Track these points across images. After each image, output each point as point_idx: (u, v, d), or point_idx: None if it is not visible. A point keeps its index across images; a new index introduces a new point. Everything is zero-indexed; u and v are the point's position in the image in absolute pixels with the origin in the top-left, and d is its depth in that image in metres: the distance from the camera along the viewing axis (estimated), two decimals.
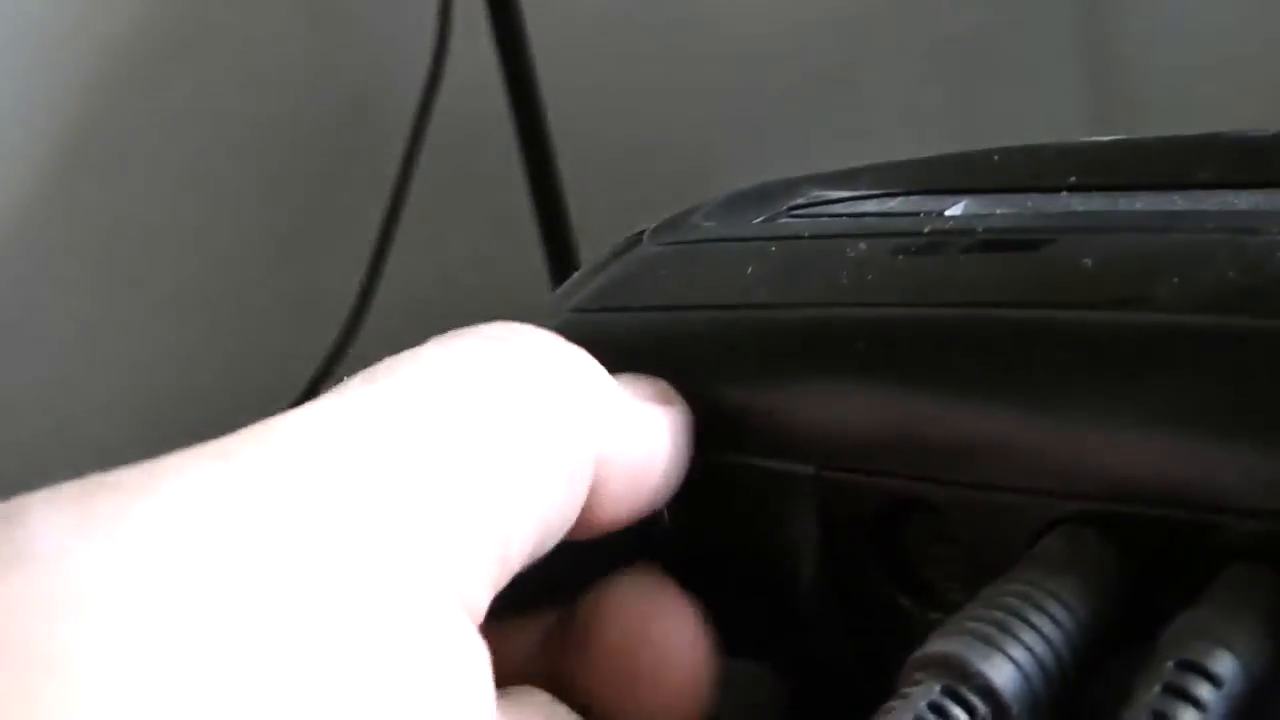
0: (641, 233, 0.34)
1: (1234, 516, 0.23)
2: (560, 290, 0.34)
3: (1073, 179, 0.30)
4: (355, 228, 0.93)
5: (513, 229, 0.92)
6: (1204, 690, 0.21)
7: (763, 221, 0.32)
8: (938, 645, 0.22)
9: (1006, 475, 0.25)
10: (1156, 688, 0.21)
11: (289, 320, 0.95)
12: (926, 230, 0.28)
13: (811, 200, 0.33)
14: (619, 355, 0.30)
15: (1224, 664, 0.21)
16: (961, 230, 0.28)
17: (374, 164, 0.93)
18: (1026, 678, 0.22)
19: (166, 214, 0.92)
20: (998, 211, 0.29)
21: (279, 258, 0.96)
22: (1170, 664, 0.21)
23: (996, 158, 0.32)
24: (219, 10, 0.93)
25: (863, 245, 0.29)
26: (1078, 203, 0.29)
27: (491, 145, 0.91)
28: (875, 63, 0.94)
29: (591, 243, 0.80)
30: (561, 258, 0.89)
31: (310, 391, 0.89)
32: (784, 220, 0.32)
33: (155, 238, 0.92)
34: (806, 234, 0.30)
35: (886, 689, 0.22)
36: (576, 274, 0.34)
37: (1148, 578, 0.24)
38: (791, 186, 0.34)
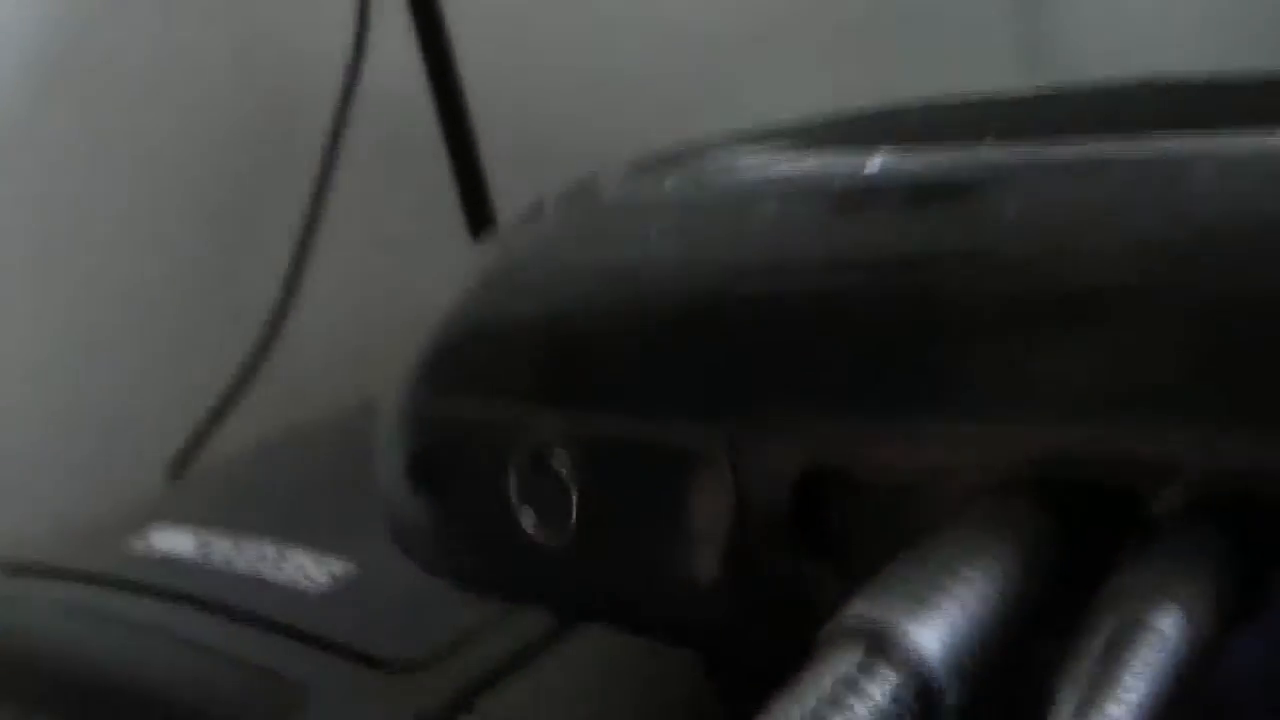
0: (542, 202, 0.32)
1: (1169, 478, 0.21)
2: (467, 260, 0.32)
3: (996, 128, 0.28)
4: (278, 219, 0.91)
5: (437, 217, 0.90)
6: (1147, 647, 0.19)
7: (671, 185, 0.30)
8: (855, 609, 0.20)
9: (928, 444, 0.23)
10: (1096, 644, 0.19)
11: (210, 316, 0.94)
12: (840, 187, 0.27)
13: (723, 162, 0.32)
14: (524, 327, 0.28)
15: (1167, 620, 0.20)
16: (878, 186, 0.26)
17: (296, 155, 0.91)
18: (953, 645, 0.20)
19: (81, 207, 0.90)
20: (916, 163, 0.27)
21: (200, 251, 0.94)
22: (1110, 620, 0.20)
23: (916, 111, 0.30)
24: (136, 6, 0.91)
25: (777, 204, 0.27)
26: (1001, 152, 0.28)
27: (413, 134, 0.90)
28: (799, 35, 0.92)
29: None
30: None
31: (238, 384, 0.87)
32: (692, 181, 0.30)
33: (70, 231, 0.90)
34: (719, 194, 0.29)
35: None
36: (480, 245, 0.32)
37: (1079, 543, 0.22)
38: (700, 149, 0.33)
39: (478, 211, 0.87)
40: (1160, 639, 0.19)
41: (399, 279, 0.92)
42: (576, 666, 0.40)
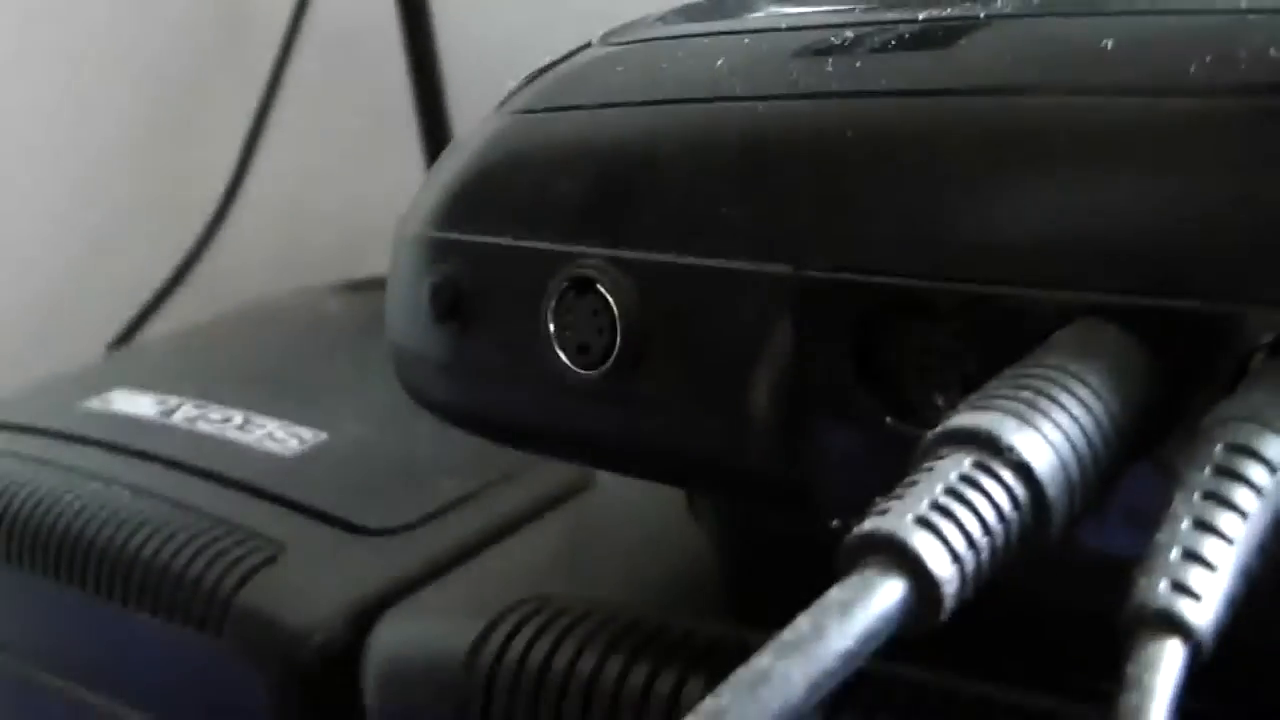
0: (588, 42, 0.31)
1: (1266, 308, 0.21)
2: (502, 98, 0.31)
3: None
4: (227, 120, 0.90)
5: (390, 132, 0.89)
6: (1259, 473, 0.19)
7: (727, 22, 0.30)
8: (963, 420, 0.20)
9: (1015, 269, 0.23)
10: (1207, 469, 0.19)
11: (153, 210, 0.92)
12: (922, 18, 0.26)
13: (770, 14, 0.31)
14: (572, 156, 0.27)
15: (1277, 448, 0.19)
16: (962, 16, 0.26)
17: (249, 53, 0.90)
18: (1061, 460, 0.20)
19: (26, 88, 0.88)
20: (999, 2, 0.27)
21: (144, 149, 0.92)
22: (1220, 447, 0.19)
23: None
24: None
25: (849, 34, 0.26)
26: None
27: (372, 41, 0.88)
28: None
29: None
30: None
31: (179, 272, 0.86)
32: (751, 20, 0.29)
33: (14, 114, 0.88)
34: (784, 26, 0.28)
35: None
36: (516, 83, 0.31)
37: (1175, 374, 0.21)
38: (746, 2, 0.32)
39: (433, 123, 0.86)
40: (1272, 466, 0.19)
41: (344, 183, 0.91)
42: (554, 542, 0.40)
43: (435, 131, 0.85)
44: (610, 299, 0.27)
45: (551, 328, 0.28)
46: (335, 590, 0.38)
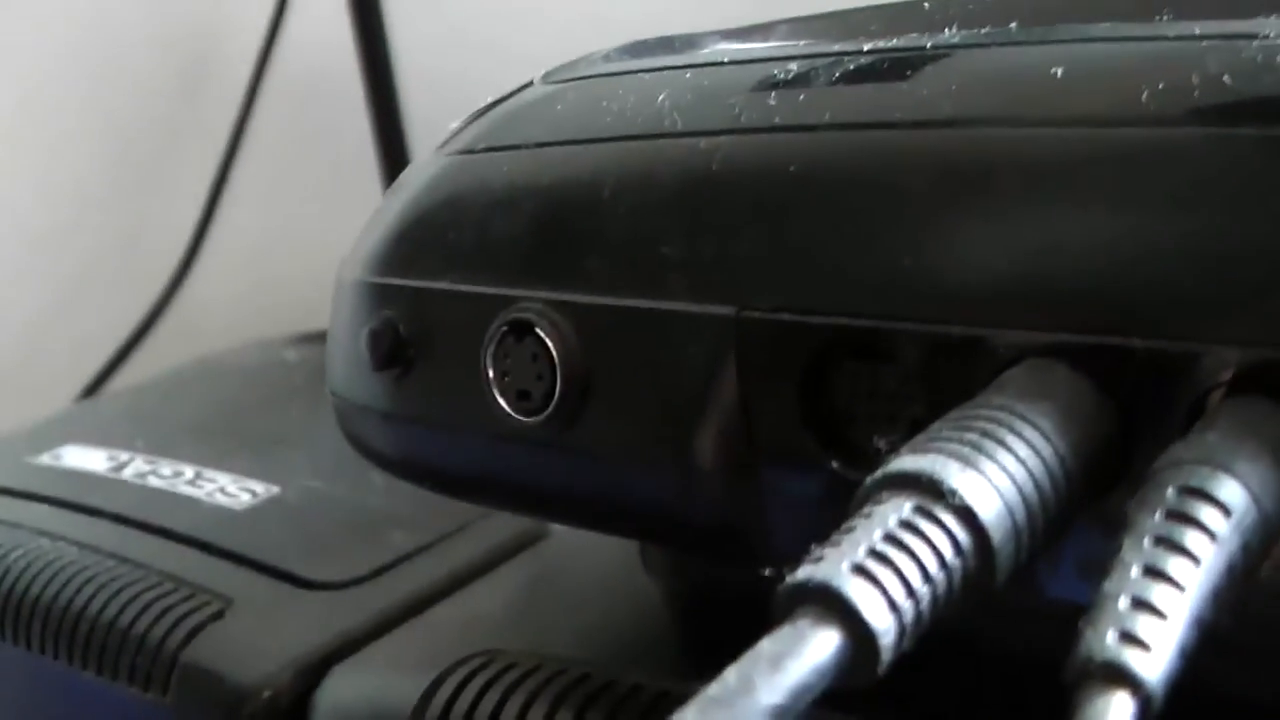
0: (530, 81, 0.30)
1: (1223, 347, 0.20)
2: (442, 139, 0.30)
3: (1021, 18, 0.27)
4: (191, 171, 0.89)
5: (353, 181, 0.89)
6: (1212, 517, 0.18)
7: (671, 58, 0.29)
8: (904, 463, 0.19)
9: (961, 308, 0.22)
10: (1158, 514, 0.18)
11: (118, 264, 0.92)
12: (868, 49, 0.25)
13: (709, 43, 0.30)
14: (510, 197, 0.27)
15: (1232, 491, 0.18)
16: (909, 48, 0.25)
17: (213, 104, 0.89)
18: (1007, 504, 0.19)
19: None
20: (945, 33, 0.26)
21: (112, 199, 0.92)
22: (1172, 490, 0.18)
23: (928, 5, 0.29)
24: None
25: (793, 67, 0.26)
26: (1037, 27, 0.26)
27: (335, 91, 0.88)
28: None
29: None
30: None
31: (135, 336, 0.85)
32: (695, 55, 0.29)
33: None
34: (727, 60, 0.27)
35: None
36: (457, 122, 0.30)
37: (1126, 418, 0.21)
38: (694, 39, 0.31)
39: (395, 162, 0.86)
40: (1226, 510, 0.18)
41: (310, 228, 0.90)
42: (507, 595, 0.39)
43: (397, 164, 0.85)
44: (549, 343, 0.26)
45: (491, 374, 0.27)
46: (283, 645, 0.37)
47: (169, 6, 0.93)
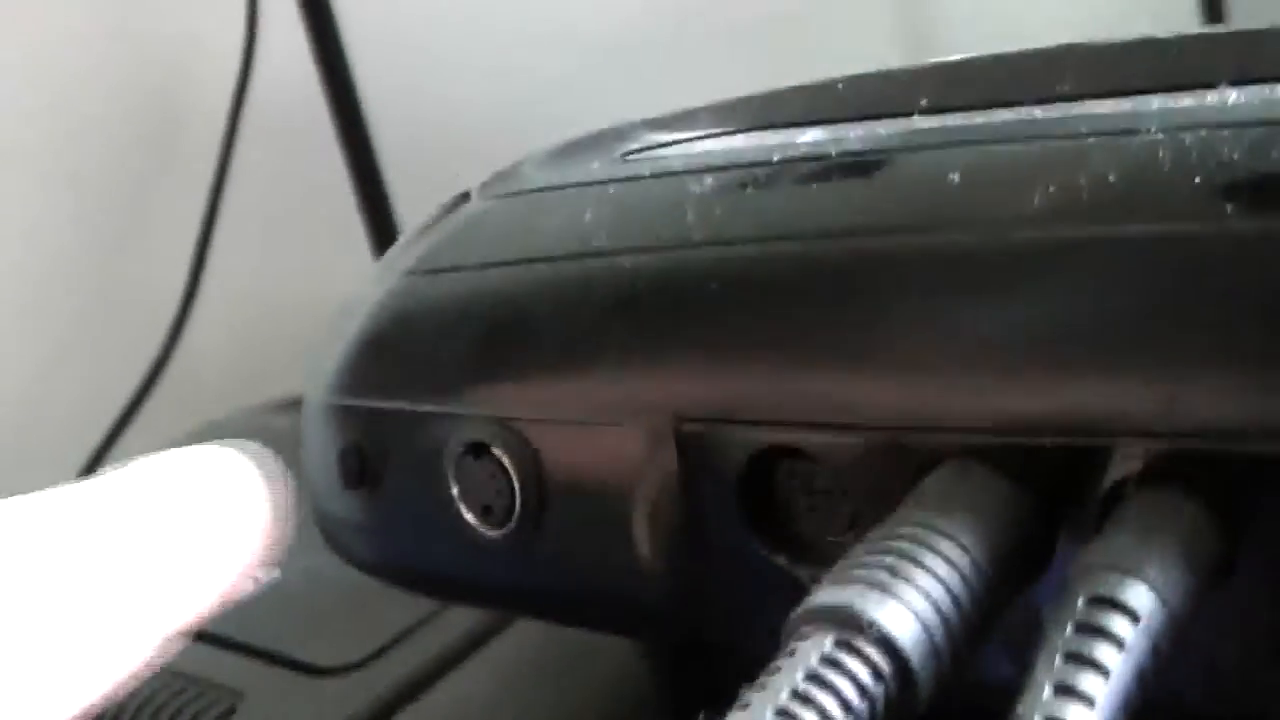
0: (468, 192, 0.31)
1: (1133, 439, 0.21)
2: (389, 253, 0.31)
3: (924, 101, 0.28)
4: (175, 227, 0.90)
5: (336, 219, 0.89)
6: (1121, 625, 0.19)
7: (597, 167, 0.30)
8: (824, 597, 0.20)
9: (877, 413, 0.23)
10: (1069, 627, 0.19)
11: (110, 325, 0.92)
12: (777, 159, 0.26)
13: (645, 144, 0.31)
14: (454, 319, 0.28)
15: (1139, 596, 0.19)
16: (814, 156, 0.26)
17: (191, 159, 0.90)
18: (924, 626, 0.20)
19: None
20: (851, 135, 0.27)
21: (97, 260, 0.93)
22: (1081, 600, 0.19)
23: (841, 86, 0.30)
24: (19, 2, 0.90)
25: (709, 180, 0.27)
26: (934, 124, 0.27)
27: (310, 133, 0.89)
28: (691, 43, 0.92)
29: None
30: (387, 246, 0.86)
31: (139, 396, 0.86)
32: (619, 164, 0.30)
33: None
34: (647, 174, 0.28)
35: (769, 657, 0.20)
36: (404, 235, 0.32)
37: (1046, 510, 0.22)
38: (624, 132, 0.32)
39: (374, 208, 0.86)
40: (1134, 616, 0.19)
41: (298, 276, 0.91)
42: (505, 670, 0.40)
43: (377, 210, 0.86)
44: (505, 461, 0.27)
45: (455, 491, 0.28)
46: None
47: (135, 62, 0.93)
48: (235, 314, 0.93)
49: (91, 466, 0.86)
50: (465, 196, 0.31)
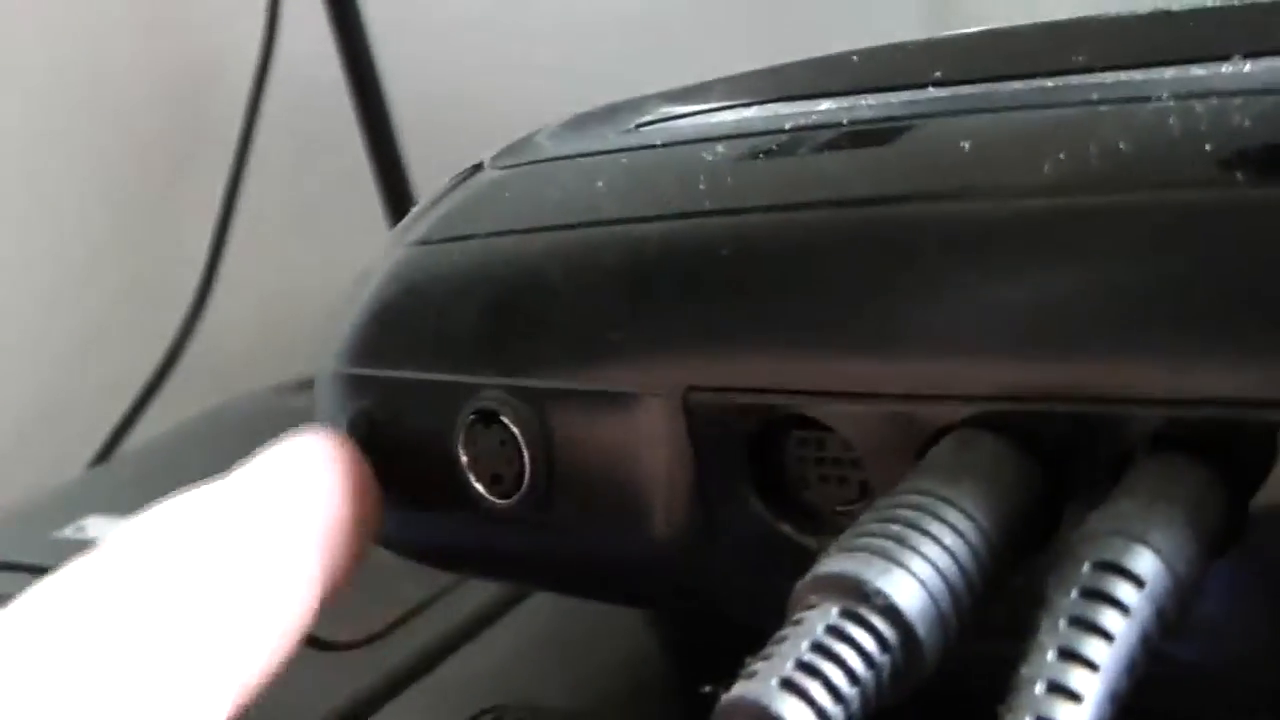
0: (481, 162, 0.31)
1: (1141, 406, 0.21)
2: (400, 224, 0.31)
3: (939, 73, 0.28)
4: (195, 209, 0.90)
5: (356, 205, 0.89)
6: (1126, 591, 0.19)
7: (609, 138, 0.30)
8: (829, 566, 0.20)
9: (889, 381, 0.23)
10: (1074, 592, 0.19)
11: (132, 308, 0.93)
12: (790, 128, 0.26)
13: (659, 116, 0.31)
14: (465, 288, 0.28)
15: (1145, 561, 0.19)
16: (826, 125, 0.26)
17: (210, 143, 0.90)
18: (930, 595, 0.20)
19: None
20: (863, 105, 0.27)
21: (118, 245, 0.93)
22: (1087, 566, 0.19)
23: (856, 58, 0.30)
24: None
25: (720, 148, 0.27)
26: (946, 94, 0.27)
27: (330, 120, 0.89)
28: (711, 21, 0.92)
29: None
30: None
31: (159, 377, 0.86)
32: (632, 134, 0.30)
33: None
34: (659, 143, 0.28)
35: (776, 627, 0.20)
36: (416, 207, 0.32)
37: (1053, 478, 0.22)
38: (637, 105, 0.32)
39: (394, 195, 0.87)
40: (1138, 581, 0.19)
41: (317, 261, 0.91)
42: (518, 644, 0.40)
43: (397, 194, 0.86)
44: (514, 429, 0.27)
45: (464, 459, 0.28)
46: (304, 709, 0.38)
47: (158, 49, 0.94)
48: (254, 299, 0.93)
49: (110, 447, 0.86)
50: (478, 167, 0.31)
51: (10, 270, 0.91)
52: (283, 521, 0.26)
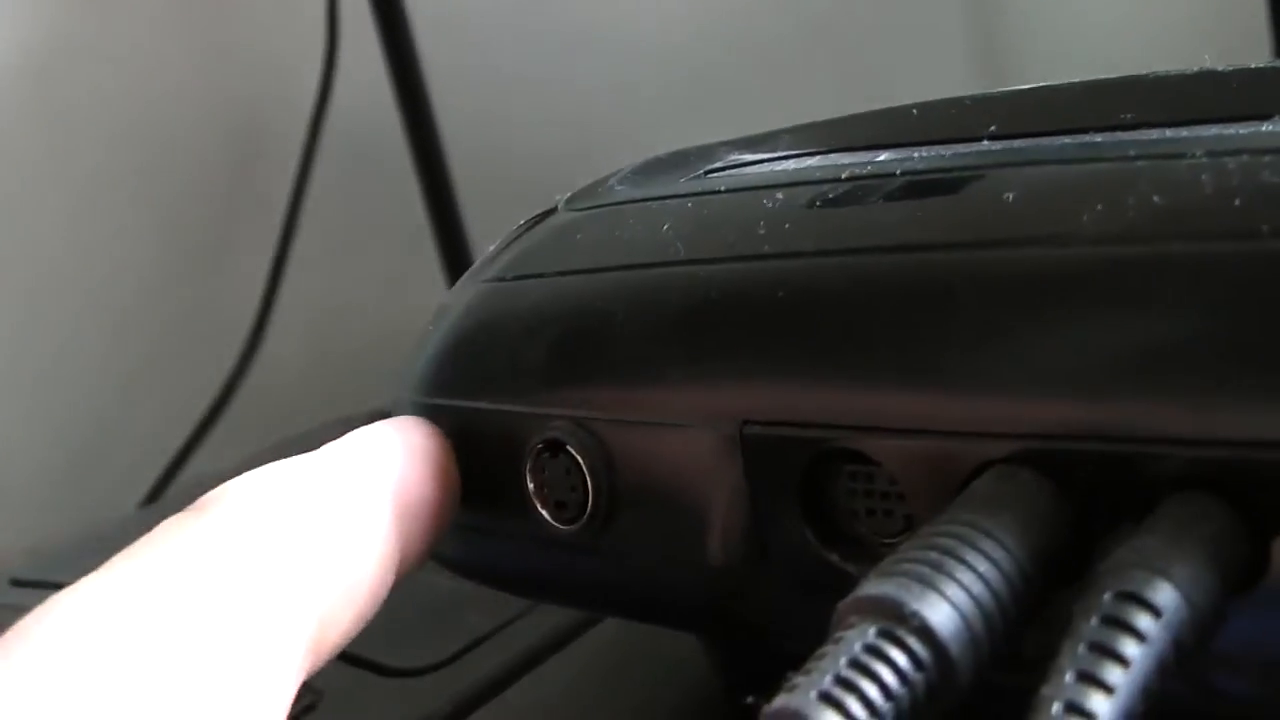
0: (555, 205, 0.33)
1: (1172, 446, 0.22)
2: (477, 263, 0.33)
3: (993, 127, 0.29)
4: (251, 246, 0.92)
5: (409, 239, 0.91)
6: (1144, 621, 0.20)
7: (678, 183, 0.31)
8: (870, 589, 0.21)
9: (936, 419, 0.24)
10: (1094, 619, 0.20)
11: (187, 343, 0.94)
12: (845, 177, 0.28)
13: (727, 163, 0.33)
14: (536, 323, 0.29)
15: (1163, 594, 0.20)
16: (881, 175, 0.27)
17: (267, 180, 0.92)
18: (964, 618, 0.21)
19: (59, 239, 0.90)
20: (917, 157, 0.28)
21: (175, 279, 0.94)
22: (1108, 595, 0.20)
23: (915, 111, 0.31)
24: (105, 31, 0.92)
25: (780, 195, 0.28)
26: (996, 147, 0.28)
27: (385, 157, 0.90)
28: (762, 50, 0.93)
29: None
30: (459, 266, 0.88)
31: (214, 412, 0.88)
32: (700, 180, 0.31)
33: (48, 263, 0.90)
34: (723, 189, 0.29)
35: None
36: (493, 247, 0.33)
37: (1086, 513, 0.23)
38: (707, 151, 0.34)
39: (447, 228, 0.88)
40: (1156, 612, 0.20)
41: (371, 297, 0.92)
42: (579, 673, 0.41)
43: (449, 230, 0.87)
44: (579, 459, 0.28)
45: (531, 487, 0.29)
46: None
47: (218, 89, 0.95)
48: (309, 334, 0.95)
49: (167, 478, 0.87)
50: (551, 210, 0.33)
51: (68, 304, 0.92)
52: (365, 497, 0.27)
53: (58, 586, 0.23)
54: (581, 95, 0.96)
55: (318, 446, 0.26)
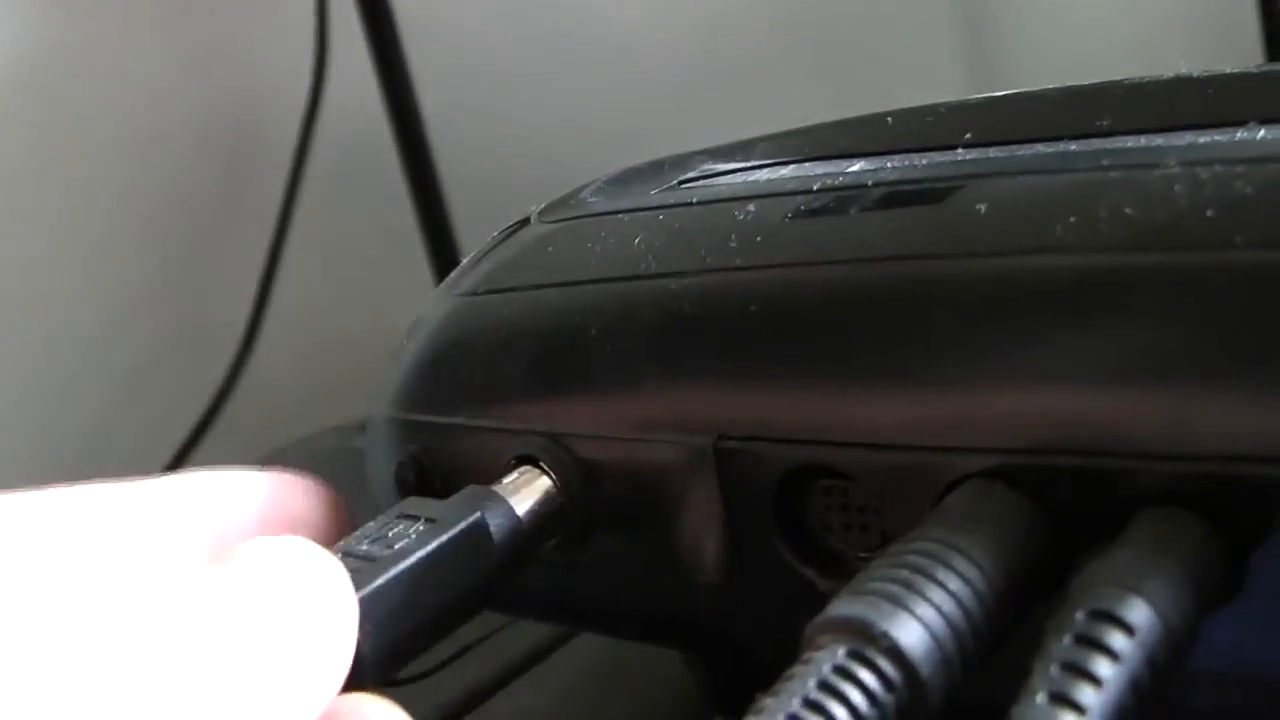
0: (528, 216, 0.33)
1: (1147, 461, 0.22)
2: (450, 276, 0.33)
3: (968, 135, 0.29)
4: (241, 255, 0.91)
5: (400, 247, 0.91)
6: (1117, 639, 0.20)
7: (651, 194, 0.31)
8: (839, 608, 0.21)
9: (908, 433, 0.24)
10: (1067, 638, 0.20)
11: (178, 351, 0.94)
12: (817, 188, 0.27)
13: (702, 173, 0.32)
14: (509, 338, 0.29)
15: (1137, 611, 0.20)
16: (853, 186, 0.27)
17: (258, 188, 0.91)
18: (935, 638, 0.21)
19: (49, 246, 0.90)
20: (889, 167, 0.28)
21: (165, 287, 0.94)
22: (1080, 613, 0.20)
23: (890, 120, 0.31)
24: (95, 38, 0.92)
25: (752, 208, 0.28)
26: (970, 157, 0.28)
27: (375, 165, 0.90)
28: (753, 60, 0.93)
29: None
30: (449, 273, 0.88)
31: (206, 420, 0.87)
32: (673, 191, 0.31)
33: (36, 272, 0.90)
34: (695, 201, 0.29)
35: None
36: (466, 259, 0.33)
37: (1061, 529, 0.22)
38: (681, 161, 0.33)
39: (437, 238, 0.88)
40: (1130, 630, 0.20)
41: (361, 307, 0.92)
42: (564, 682, 0.41)
43: (439, 240, 0.87)
44: (552, 475, 0.28)
45: None
46: None
47: (207, 98, 0.95)
48: (299, 344, 0.94)
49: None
50: (524, 221, 0.32)
51: (58, 315, 0.92)
52: None
53: None
54: (572, 101, 0.96)
55: (309, 454, 0.26)
